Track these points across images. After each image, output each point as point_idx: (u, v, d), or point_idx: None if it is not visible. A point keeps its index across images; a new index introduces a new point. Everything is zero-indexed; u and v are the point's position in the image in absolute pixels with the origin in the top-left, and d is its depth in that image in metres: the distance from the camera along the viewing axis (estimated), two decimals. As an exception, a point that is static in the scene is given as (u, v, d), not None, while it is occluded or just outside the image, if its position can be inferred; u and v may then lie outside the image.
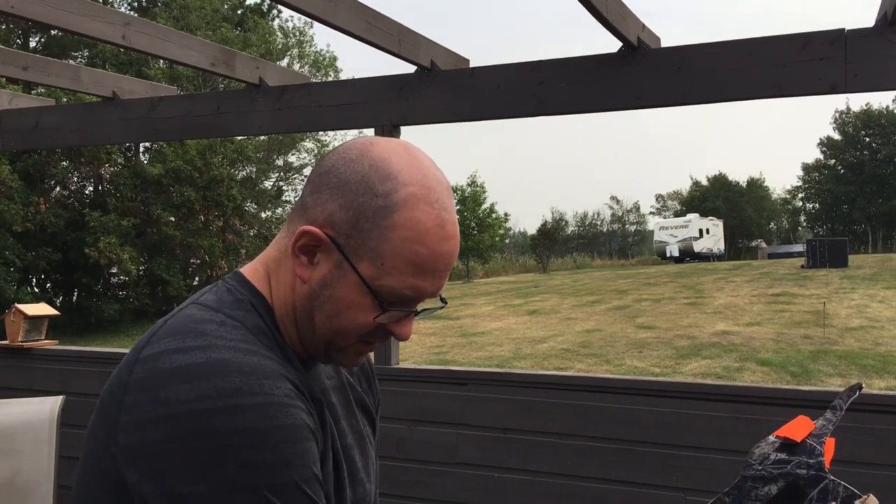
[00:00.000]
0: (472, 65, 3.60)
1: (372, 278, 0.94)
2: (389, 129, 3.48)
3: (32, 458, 3.07)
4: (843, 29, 2.78)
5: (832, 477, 1.14)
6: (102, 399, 0.95)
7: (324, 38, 39.65)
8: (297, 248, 0.96)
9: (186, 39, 3.40)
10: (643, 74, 3.04)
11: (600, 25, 2.78)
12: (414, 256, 0.93)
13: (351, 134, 22.80)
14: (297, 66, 29.18)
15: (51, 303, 21.93)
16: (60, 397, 3.21)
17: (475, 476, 3.36)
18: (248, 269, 1.04)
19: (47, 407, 3.19)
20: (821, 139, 67.02)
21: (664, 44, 3.15)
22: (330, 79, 29.44)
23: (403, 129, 3.62)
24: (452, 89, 3.41)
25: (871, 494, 1.16)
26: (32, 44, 26.04)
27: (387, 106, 3.50)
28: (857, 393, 1.26)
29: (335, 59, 30.95)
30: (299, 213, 0.98)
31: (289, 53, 29.62)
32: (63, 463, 3.13)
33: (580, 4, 2.59)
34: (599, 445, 3.22)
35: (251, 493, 0.84)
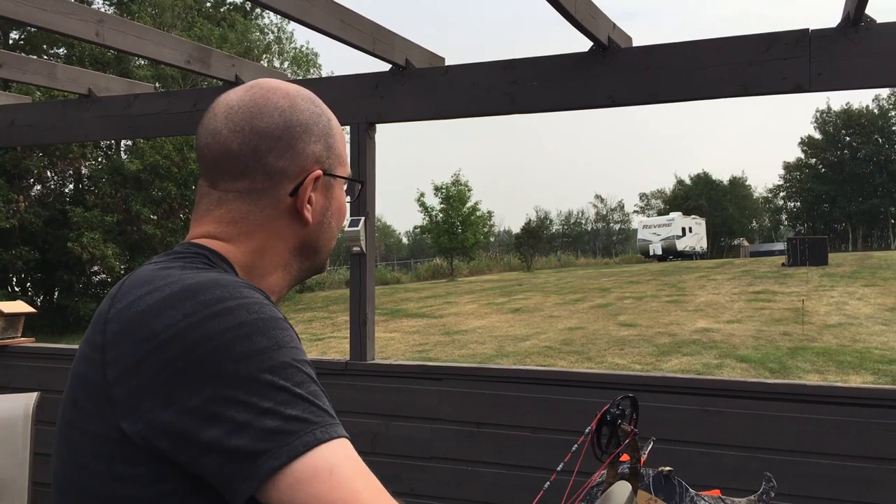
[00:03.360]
0: (446, 63, 3.63)
1: (346, 173, 1.13)
2: (365, 126, 3.51)
3: (7, 455, 3.08)
4: (808, 29, 2.83)
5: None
6: (78, 374, 0.93)
7: (303, 34, 39.50)
8: (307, 202, 1.06)
9: (161, 37, 3.41)
10: (613, 73, 3.08)
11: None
12: (344, 140, 1.15)
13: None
14: (277, 64, 29.10)
15: (31, 302, 21.78)
16: (35, 394, 3.21)
17: (450, 470, 3.40)
18: (197, 239, 1.06)
19: (22, 404, 3.20)
20: (802, 138, 67.67)
21: (643, 43, 3.20)
22: (311, 75, 29.39)
23: (380, 126, 3.65)
24: (427, 87, 3.44)
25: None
26: (13, 37, 25.79)
27: (362, 104, 3.53)
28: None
29: (316, 55, 30.90)
30: (272, 184, 1.04)
31: (269, 51, 29.52)
32: (38, 460, 3.14)
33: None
34: (572, 439, 3.25)
35: (253, 381, 0.84)
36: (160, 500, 0.87)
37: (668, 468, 1.56)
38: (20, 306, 4.39)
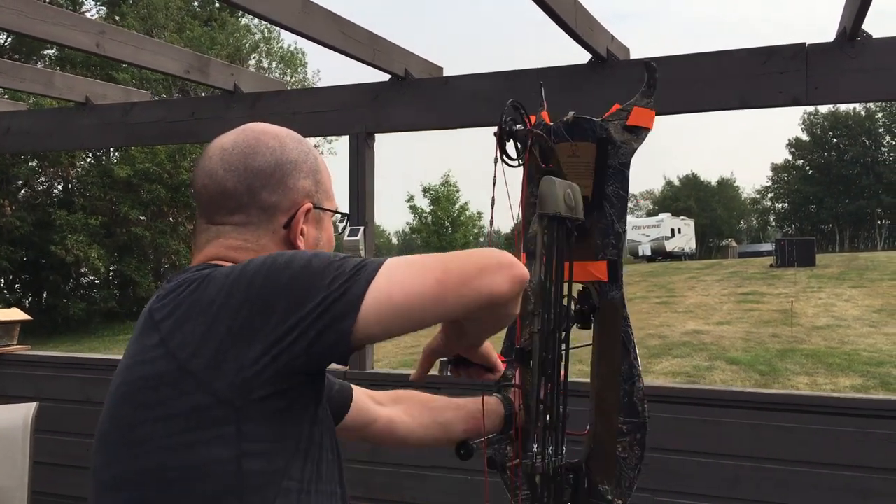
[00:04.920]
0: (445, 72, 3.65)
1: (334, 206, 1.21)
2: (364, 136, 3.52)
3: (6, 465, 3.07)
4: (805, 43, 2.86)
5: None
6: (134, 380, 0.99)
7: (290, 35, 39.39)
8: (299, 233, 1.13)
9: (160, 47, 3.41)
10: (613, 85, 3.10)
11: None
12: (329, 176, 1.23)
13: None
14: (265, 64, 29.03)
15: (19, 303, 21.65)
16: (34, 404, 3.21)
17: (449, 479, 3.41)
18: (206, 261, 1.13)
19: (21, 414, 3.19)
20: (790, 140, 68.10)
21: (637, 51, 3.23)
22: (299, 76, 29.36)
23: (378, 135, 3.66)
24: (426, 98, 3.46)
25: None
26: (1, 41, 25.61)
27: (361, 114, 3.53)
28: None
29: (304, 54, 30.84)
30: (266, 217, 1.12)
31: (257, 51, 29.43)
32: (37, 469, 3.13)
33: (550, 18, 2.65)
34: (575, 447, 3.27)
35: (308, 274, 0.95)
36: (242, 459, 0.94)
37: (570, 114, 1.64)
38: (16, 314, 4.37)
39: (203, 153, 1.16)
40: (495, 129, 1.42)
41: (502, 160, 1.43)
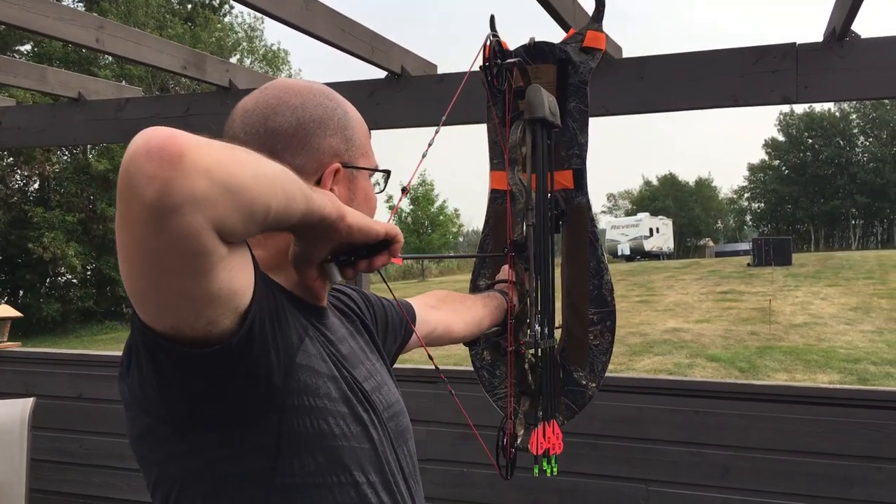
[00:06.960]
0: (439, 70, 3.68)
1: (371, 164, 1.14)
2: (360, 133, 3.54)
3: (4, 460, 3.07)
4: (795, 43, 2.93)
5: None
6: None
7: (273, 34, 39.26)
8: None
9: (158, 43, 3.42)
10: (607, 83, 3.16)
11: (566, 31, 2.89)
12: (366, 131, 1.16)
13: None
14: (248, 62, 28.93)
15: (-4, 303, 21.34)
16: (31, 399, 3.21)
17: (445, 472, 3.46)
18: None
19: (18, 410, 3.19)
20: (766, 140, 68.89)
21: (629, 49, 3.28)
22: (282, 75, 29.25)
23: (374, 133, 3.69)
24: (422, 95, 3.49)
25: None
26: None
27: (358, 110, 3.56)
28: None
29: (287, 52, 30.80)
30: None
31: (239, 49, 29.31)
32: (34, 466, 3.13)
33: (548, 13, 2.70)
34: (573, 441, 3.33)
35: None
36: (215, 465, 0.90)
37: (530, 39, 1.82)
38: (6, 310, 4.35)
39: (228, 116, 1.09)
40: (481, 63, 1.56)
41: (490, 93, 1.60)
